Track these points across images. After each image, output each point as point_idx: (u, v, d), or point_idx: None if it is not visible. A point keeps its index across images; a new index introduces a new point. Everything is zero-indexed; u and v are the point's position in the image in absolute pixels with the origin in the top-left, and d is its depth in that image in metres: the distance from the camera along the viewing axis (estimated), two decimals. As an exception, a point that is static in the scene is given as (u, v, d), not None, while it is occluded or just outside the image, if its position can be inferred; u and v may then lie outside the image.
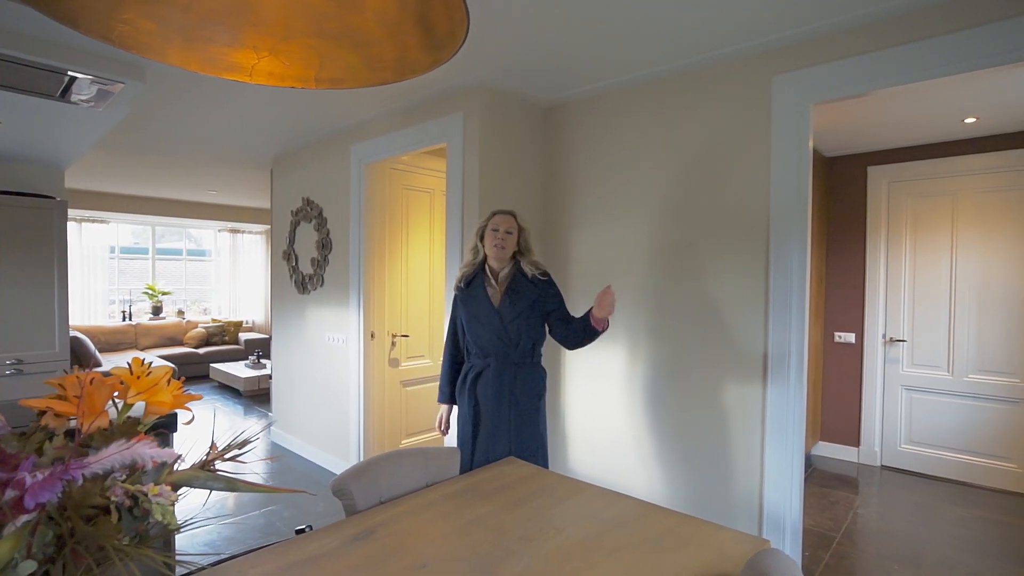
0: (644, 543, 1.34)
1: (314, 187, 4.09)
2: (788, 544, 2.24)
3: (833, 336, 4.29)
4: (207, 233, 8.62)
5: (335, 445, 3.87)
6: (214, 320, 8.17)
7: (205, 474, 0.67)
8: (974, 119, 3.30)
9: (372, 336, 3.57)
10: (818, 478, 3.84)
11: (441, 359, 2.44)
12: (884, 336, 4.09)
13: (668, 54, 2.42)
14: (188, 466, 0.71)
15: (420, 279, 3.90)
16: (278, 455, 4.23)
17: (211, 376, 7.01)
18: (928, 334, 3.92)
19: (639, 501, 1.60)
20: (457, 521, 1.48)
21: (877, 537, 2.96)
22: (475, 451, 2.22)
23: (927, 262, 3.93)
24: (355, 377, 3.59)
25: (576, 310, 3.02)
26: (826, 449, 4.31)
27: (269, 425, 2.64)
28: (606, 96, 2.88)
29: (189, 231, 8.48)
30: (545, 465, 2.26)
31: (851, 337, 4.22)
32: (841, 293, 4.26)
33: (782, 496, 2.26)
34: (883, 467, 4.06)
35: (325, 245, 3.91)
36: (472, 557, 1.27)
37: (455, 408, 2.39)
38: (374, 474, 1.61)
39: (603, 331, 2.13)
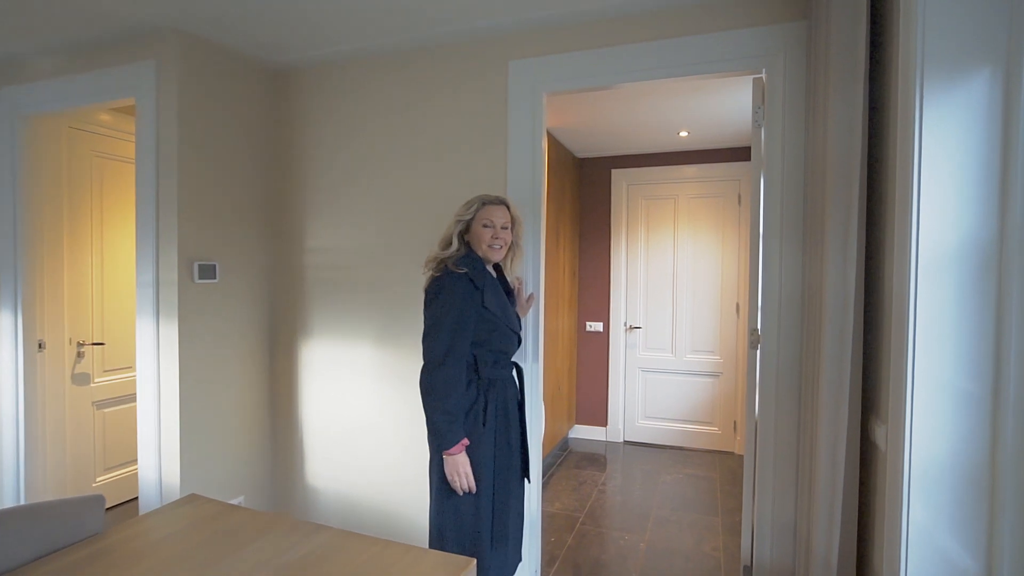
0: (321, 592, 1.08)
1: (-49, 146, 2.95)
2: (528, 535, 2.20)
3: (585, 326, 4.64)
4: None
5: (-11, 497, 2.85)
6: None
7: None
8: (686, 133, 3.80)
9: (40, 346, 2.69)
10: (573, 460, 4.09)
11: (439, 386, 1.68)
12: (626, 324, 4.54)
13: (399, 24, 2.19)
14: None
15: (122, 272, 3.09)
16: None
17: None
18: (658, 321, 4.46)
19: (342, 532, 1.34)
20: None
21: (614, 511, 3.20)
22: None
23: (657, 257, 4.47)
24: (10, 403, 2.66)
25: (312, 304, 2.66)
26: (581, 431, 4.65)
27: None
28: (346, 65, 2.56)
29: None
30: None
31: (599, 326, 4.60)
32: (591, 285, 4.62)
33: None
34: (626, 442, 4.51)
35: (-32, 226, 2.85)
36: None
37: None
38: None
39: None
